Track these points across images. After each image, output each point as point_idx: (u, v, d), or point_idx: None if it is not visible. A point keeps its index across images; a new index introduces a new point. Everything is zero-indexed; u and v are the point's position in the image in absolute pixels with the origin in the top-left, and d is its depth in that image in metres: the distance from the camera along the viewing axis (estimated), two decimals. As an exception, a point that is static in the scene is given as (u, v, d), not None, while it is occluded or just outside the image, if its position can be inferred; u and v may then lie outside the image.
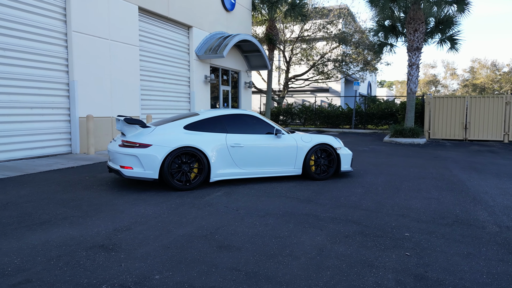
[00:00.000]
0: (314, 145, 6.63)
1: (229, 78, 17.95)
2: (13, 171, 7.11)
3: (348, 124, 22.25)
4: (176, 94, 14.12)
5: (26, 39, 8.66)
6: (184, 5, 13.82)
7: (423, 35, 15.12)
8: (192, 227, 4.02)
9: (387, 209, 4.86)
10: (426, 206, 5.08)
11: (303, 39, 24.88)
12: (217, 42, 14.97)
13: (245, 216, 4.46)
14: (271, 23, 21.16)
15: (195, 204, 4.96)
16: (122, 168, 5.56)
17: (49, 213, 4.42)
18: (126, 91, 11.37)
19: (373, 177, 7.17)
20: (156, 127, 5.92)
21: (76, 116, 9.75)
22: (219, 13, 16.30)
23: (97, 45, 10.23)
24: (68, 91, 9.74)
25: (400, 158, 9.95)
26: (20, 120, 8.66)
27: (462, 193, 5.91)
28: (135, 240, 3.59)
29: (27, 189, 5.67)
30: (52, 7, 9.21)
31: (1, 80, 8.19)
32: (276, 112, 23.72)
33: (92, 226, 3.99)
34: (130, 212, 4.53)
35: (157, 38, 12.94)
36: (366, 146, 12.93)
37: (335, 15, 24.43)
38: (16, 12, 8.40)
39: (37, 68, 8.94)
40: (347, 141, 15.00)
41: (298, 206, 4.93)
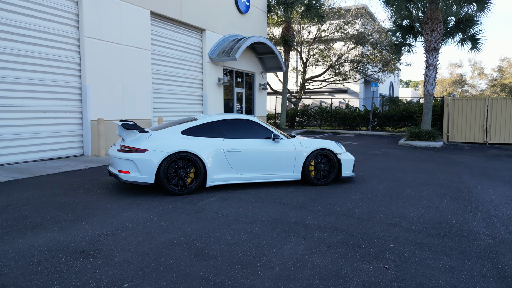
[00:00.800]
0: (314, 150, 6.56)
1: (243, 80, 18.00)
2: (23, 173, 7.38)
3: (366, 126, 21.89)
4: (189, 96, 14.28)
5: (40, 45, 8.97)
6: (197, 9, 13.97)
7: (440, 35, 14.70)
8: (176, 233, 4.06)
9: (380, 218, 4.76)
10: (422, 215, 4.94)
11: (320, 40, 24.66)
12: (230, 45, 15.05)
13: (233, 223, 4.47)
14: (287, 25, 21.10)
15: (186, 209, 5.01)
16: (120, 172, 5.67)
17: (43, 216, 4.57)
18: (138, 94, 11.60)
19: (376, 182, 7.03)
20: (154, 132, 6.01)
21: (88, 119, 10.03)
22: (233, 16, 16.37)
23: (109, 49, 10.48)
24: (80, 95, 10.02)
25: (411, 163, 9.70)
26: (34, 123, 8.97)
27: (464, 201, 5.72)
28: (116, 246, 3.66)
29: (31, 191, 5.87)
30: (65, 13, 9.50)
31: (16, 85, 8.52)
32: (292, 114, 23.61)
33: (80, 230, 4.09)
34: (121, 217, 4.62)
35: (169, 42, 13.13)
36: (378, 150, 12.69)
37: (352, 15, 24.08)
38: (30, 19, 8.72)
39: (51, 73, 9.25)
40: (361, 143, 14.77)
41: (289, 213, 4.90)
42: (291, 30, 21.16)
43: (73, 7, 9.68)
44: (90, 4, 9.86)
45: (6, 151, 8.43)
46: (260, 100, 19.35)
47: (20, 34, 8.53)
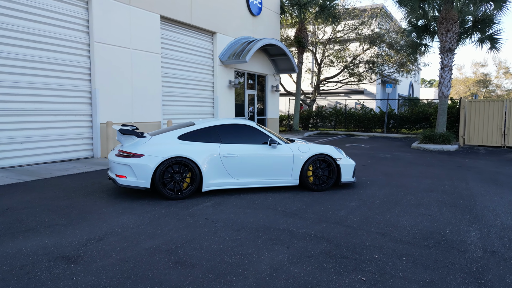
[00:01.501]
0: (312, 156, 6.51)
1: (255, 82, 18.02)
2: (31, 175, 7.63)
3: (381, 128, 21.54)
4: (199, 99, 14.41)
5: (51, 50, 9.24)
6: (207, 12, 14.08)
7: (456, 35, 14.31)
8: (162, 239, 4.12)
9: (371, 226, 4.68)
10: (416, 224, 4.83)
11: (335, 40, 24.42)
12: (241, 48, 15.10)
13: (220, 229, 4.49)
14: (301, 26, 21.00)
15: (178, 214, 5.06)
16: (117, 176, 5.79)
17: (38, 220, 4.71)
18: (147, 97, 11.79)
19: (377, 188, 6.91)
20: (152, 137, 6.10)
21: (98, 122, 10.26)
22: (244, 18, 16.42)
23: (118, 54, 10.70)
24: (90, 99, 10.27)
25: (419, 168, 9.49)
26: (45, 126, 9.25)
27: (465, 209, 5.55)
28: (100, 252, 3.74)
29: (33, 194, 6.07)
30: (75, 19, 9.76)
31: (27, 90, 8.81)
32: (306, 115, 23.47)
33: (69, 235, 4.20)
34: (112, 221, 4.72)
35: (179, 45, 13.28)
36: (389, 153, 12.47)
37: (368, 15, 23.73)
38: (41, 26, 9.00)
39: (61, 77, 9.51)
40: (373, 146, 14.55)
41: (279, 220, 4.89)
42: (305, 31, 21.04)
43: (83, 13, 9.93)
44: (99, 10, 10.09)
45: (18, 153, 8.73)
46: (272, 101, 19.33)
47: (31, 40, 8.82)
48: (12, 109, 8.57)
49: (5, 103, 8.43)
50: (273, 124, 19.54)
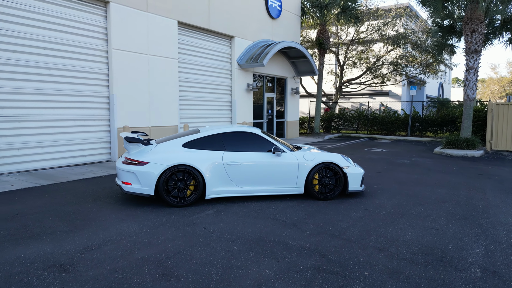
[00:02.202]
0: (317, 164, 6.42)
1: (274, 84, 17.98)
2: (48, 179, 7.94)
3: (405, 131, 20.97)
4: (217, 103, 14.53)
5: (70, 58, 9.58)
6: (225, 17, 14.17)
7: (482, 36, 13.73)
8: (155, 249, 4.18)
9: (369, 240, 4.56)
10: (418, 238, 4.67)
11: (358, 41, 23.99)
12: (259, 51, 15.11)
13: (215, 240, 4.51)
14: (322, 27, 20.78)
15: (178, 223, 5.13)
16: (123, 183, 5.93)
17: (43, 226, 4.90)
18: (164, 102, 12.00)
19: (387, 198, 6.73)
20: (157, 145, 6.21)
21: (115, 127, 10.55)
22: (263, 21, 16.42)
23: (135, 60, 10.95)
24: (108, 104, 10.57)
25: (437, 175, 9.17)
26: (64, 131, 9.60)
27: (475, 223, 5.32)
28: (93, 261, 3.84)
29: (45, 199, 6.31)
30: (94, 27, 10.07)
31: (47, 96, 9.17)
32: (328, 117, 23.18)
33: (68, 242, 4.34)
34: (112, 229, 4.83)
35: (197, 50, 13.44)
36: (409, 158, 12.12)
37: (392, 15, 23.16)
38: (61, 34, 9.34)
39: (80, 84, 9.84)
40: (393, 151, 14.19)
41: (276, 231, 4.85)
42: (326, 32, 20.80)
43: (102, 21, 10.24)
44: (117, 17, 10.37)
45: (38, 157, 9.10)
46: (292, 104, 19.22)
47: (51, 49, 9.17)
48: (33, 115, 8.94)
49: (27, 109, 8.81)
50: (293, 127, 19.43)
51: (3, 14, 8.26)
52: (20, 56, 8.61)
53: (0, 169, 8.39)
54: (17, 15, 8.49)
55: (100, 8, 10.17)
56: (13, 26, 8.44)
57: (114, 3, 10.27)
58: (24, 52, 8.68)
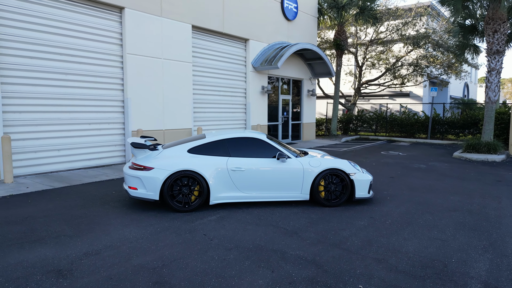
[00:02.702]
0: (323, 170, 6.35)
1: (290, 86, 17.90)
2: (62, 182, 8.17)
3: (425, 133, 20.46)
4: (231, 105, 14.59)
5: (86, 63, 9.83)
6: (240, 20, 14.22)
7: (505, 36, 13.24)
8: (153, 256, 4.23)
9: (369, 251, 4.48)
10: (421, 249, 4.55)
11: (377, 42, 23.58)
12: (273, 53, 15.08)
13: (213, 247, 4.52)
14: (340, 28, 20.55)
15: (179, 229, 5.18)
16: (129, 188, 6.04)
17: (49, 230, 5.04)
18: (178, 105, 12.14)
19: (395, 205, 6.59)
20: (163, 150, 6.29)
21: (129, 130, 10.75)
22: (279, 23, 16.38)
23: (149, 64, 11.13)
24: (123, 108, 10.79)
25: (452, 181, 8.91)
26: (80, 134, 9.86)
27: (484, 234, 5.13)
28: (91, 267, 3.93)
29: (56, 202, 6.49)
30: (109, 33, 10.30)
31: (63, 101, 9.44)
32: (346, 119, 22.89)
33: (71, 247, 4.45)
34: (115, 234, 4.93)
35: (211, 53, 13.54)
36: (425, 163, 11.81)
37: (412, 15, 22.64)
38: (77, 40, 9.60)
39: (95, 88, 10.09)
40: (411, 154, 13.87)
41: (276, 239, 4.83)
42: (344, 33, 20.55)
43: (117, 27, 10.46)
44: (132, 22, 10.57)
45: (55, 160, 9.38)
46: (308, 106, 19.09)
47: (68, 55, 9.44)
48: (50, 119, 9.22)
49: (44, 114, 9.10)
50: (309, 129, 19.29)
51: (20, 22, 8.55)
52: (37, 62, 8.90)
53: (18, 172, 8.70)
54: (34, 22, 8.78)
55: (115, 14, 10.40)
56: (30, 33, 8.73)
57: (129, 9, 10.48)
58: (41, 58, 8.96)
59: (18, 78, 8.61)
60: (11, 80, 8.48)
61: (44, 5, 8.92)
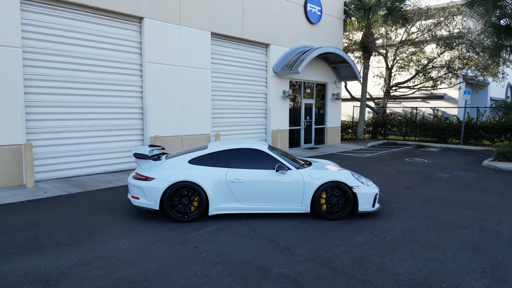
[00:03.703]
0: (325, 183, 6.23)
1: (313, 90, 17.69)
2: (78, 187, 8.54)
3: (458, 138, 19.54)
4: (251, 110, 14.63)
5: (106, 72, 10.23)
6: (260, 25, 14.23)
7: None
8: (139, 268, 4.34)
9: (357, 271, 4.35)
10: (413, 271, 4.36)
11: (408, 42, 22.78)
12: (295, 58, 14.97)
13: (199, 262, 4.57)
14: (367, 30, 20.08)
15: (173, 240, 5.27)
16: (132, 197, 6.22)
17: (51, 238, 5.30)
18: (197, 111, 12.34)
19: (401, 220, 6.35)
20: (166, 160, 6.43)
21: (148, 136, 11.07)
22: (301, 27, 16.24)
23: (168, 72, 11.40)
24: (142, 114, 11.12)
25: (472, 194, 8.46)
26: (100, 141, 10.27)
27: (487, 256, 4.84)
28: (77, 278, 4.09)
29: (66, 208, 6.81)
30: (129, 43, 10.65)
31: (84, 109, 9.87)
32: (374, 123, 22.29)
33: (65, 257, 4.65)
34: (110, 244, 5.10)
35: (230, 59, 13.65)
36: (449, 172, 11.29)
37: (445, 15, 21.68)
38: (97, 50, 10.01)
39: (115, 96, 10.46)
40: (436, 162, 13.31)
41: (265, 255, 4.80)
42: (371, 35, 20.04)
43: (136, 36, 10.80)
44: (151, 32, 10.87)
45: (76, 165, 9.83)
46: (333, 110, 18.78)
47: (88, 64, 9.86)
48: (71, 126, 9.67)
49: (65, 121, 9.56)
50: (334, 133, 18.98)
51: (43, 35, 9.03)
52: (59, 72, 9.36)
53: (41, 176, 9.19)
54: (56, 35, 9.24)
55: (134, 24, 10.74)
56: (52, 45, 9.20)
57: (148, 18, 10.78)
58: (63, 69, 9.42)
59: (41, 88, 9.09)
60: (34, 90, 8.97)
61: (66, 18, 9.37)
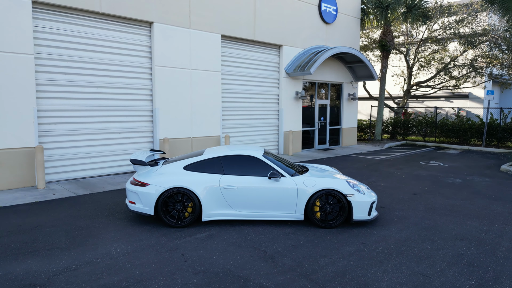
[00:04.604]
0: (318, 190, 6.18)
1: (328, 91, 17.48)
2: (86, 189, 8.83)
3: (481, 140, 18.83)
4: (262, 112, 14.63)
5: (116, 76, 10.49)
6: (272, 26, 14.19)
7: None
8: (123, 275, 4.46)
9: (337, 284, 4.30)
10: (396, 286, 4.27)
11: (429, 40, 22.09)
12: (308, 59, 14.84)
13: (182, 270, 4.64)
14: (386, 28, 19.67)
15: (163, 246, 5.38)
16: (129, 202, 6.38)
17: (48, 241, 5.52)
18: (206, 114, 12.46)
19: (398, 229, 6.22)
20: (162, 166, 6.55)
21: (157, 138, 11.29)
22: (315, 28, 16.07)
23: (178, 75, 11.56)
24: (151, 117, 11.35)
25: (482, 201, 8.16)
26: (110, 143, 10.56)
27: (479, 271, 4.68)
28: (63, 283, 4.25)
29: (69, 211, 7.06)
30: (139, 47, 10.88)
31: (95, 112, 10.17)
32: (393, 123, 21.78)
33: (56, 261, 4.84)
34: (101, 249, 5.26)
35: (241, 61, 13.68)
36: (462, 177, 10.92)
37: (469, 11, 20.86)
38: (108, 56, 10.28)
39: (125, 99, 10.72)
40: (452, 166, 12.89)
41: (248, 264, 4.82)
42: (390, 34, 19.60)
43: (146, 40, 11.01)
44: (160, 36, 11.06)
45: (86, 166, 10.16)
46: (349, 110, 18.50)
47: (99, 69, 10.14)
48: (82, 129, 10.00)
49: (76, 124, 9.89)
50: (350, 134, 18.70)
51: (54, 41, 9.36)
52: (70, 77, 9.68)
53: (53, 177, 9.56)
54: (66, 41, 9.56)
55: (144, 29, 10.95)
56: (63, 51, 9.52)
57: (158, 23, 10.97)
58: (74, 74, 9.73)
59: (53, 92, 9.44)
60: (46, 95, 9.33)
61: (76, 24, 9.67)
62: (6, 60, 8.48)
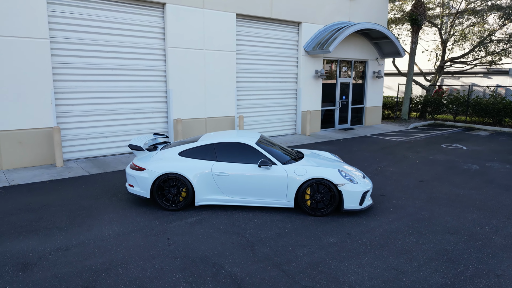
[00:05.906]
0: (308, 179, 6.19)
1: (351, 69, 16.95)
2: (99, 168, 9.32)
3: (516, 120, 17.73)
4: (279, 91, 14.50)
5: (131, 58, 10.75)
6: (291, 3, 13.80)
7: None
8: (106, 258, 4.79)
9: (307, 276, 4.39)
10: (364, 281, 4.31)
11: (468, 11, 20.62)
12: (327, 36, 14.40)
13: (163, 255, 4.90)
14: (417, 1, 18.52)
15: (153, 230, 5.67)
16: (128, 185, 6.72)
17: (50, 220, 5.96)
18: (220, 94, 12.55)
19: (389, 220, 6.16)
20: (159, 152, 6.78)
21: (171, 118, 11.57)
22: (339, 2, 15.46)
23: (191, 56, 11.65)
24: (166, 98, 11.60)
25: (492, 191, 7.83)
26: (126, 123, 10.97)
27: (458, 269, 4.59)
28: (51, 263, 4.63)
29: (78, 190, 7.53)
30: (152, 28, 11.02)
31: (110, 93, 10.54)
32: (423, 102, 20.87)
33: (52, 241, 5.25)
34: (95, 230, 5.63)
35: (257, 40, 13.50)
36: (481, 163, 10.44)
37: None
38: (122, 38, 10.51)
39: (140, 81, 11.00)
40: (476, 150, 12.33)
41: (226, 251, 5.01)
42: (422, 6, 18.47)
43: (159, 22, 11.12)
44: (173, 17, 11.11)
45: (103, 146, 10.66)
46: (373, 89, 17.92)
47: (113, 51, 10.42)
48: (99, 110, 10.43)
49: (93, 105, 10.32)
50: (374, 113, 18.19)
51: (69, 25, 9.68)
52: (85, 60, 10.03)
53: (70, 156, 10.14)
54: (81, 24, 9.85)
55: (157, 10, 11.03)
56: (78, 35, 9.84)
57: (170, 4, 11.00)
58: (89, 56, 10.07)
59: (69, 75, 9.85)
60: (63, 78, 9.76)
61: (90, 7, 9.91)
62: (23, 45, 8.91)
